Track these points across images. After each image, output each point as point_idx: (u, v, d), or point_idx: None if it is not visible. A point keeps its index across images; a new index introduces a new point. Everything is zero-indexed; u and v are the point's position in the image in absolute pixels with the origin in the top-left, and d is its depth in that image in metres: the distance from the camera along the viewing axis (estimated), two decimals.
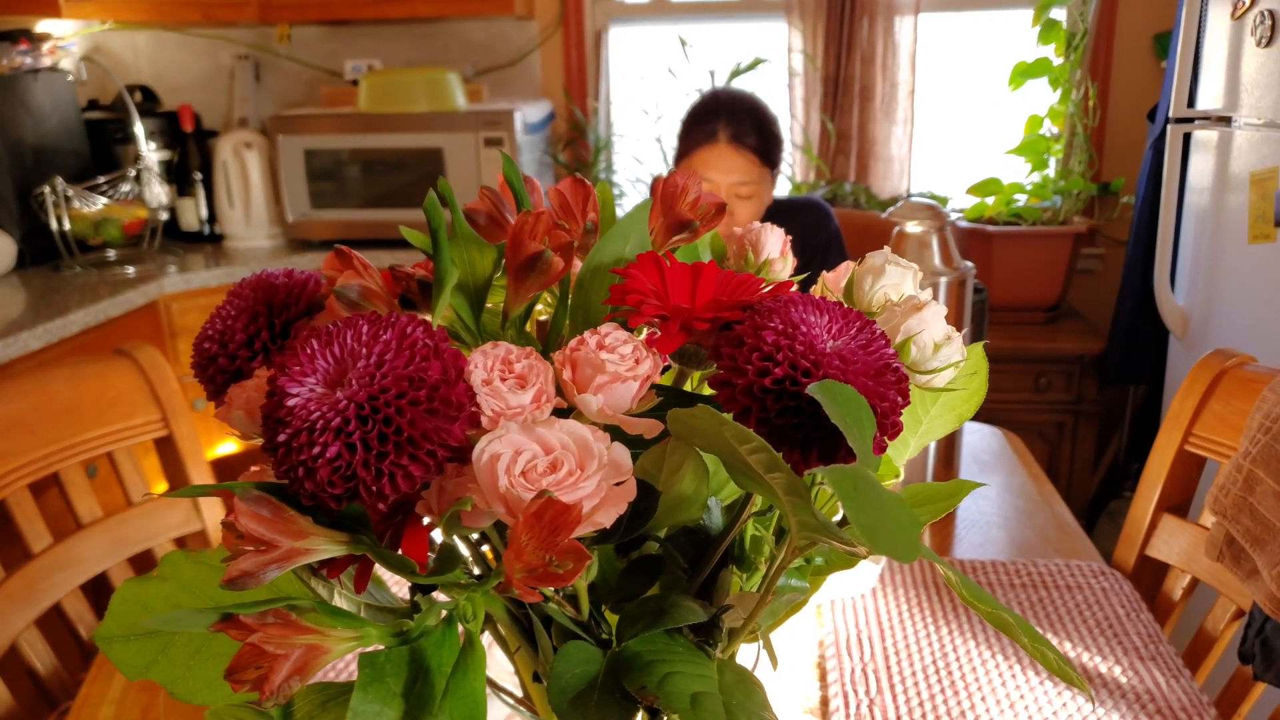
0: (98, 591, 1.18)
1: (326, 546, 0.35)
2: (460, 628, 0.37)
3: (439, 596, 0.44)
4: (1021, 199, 2.46)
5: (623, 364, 0.38)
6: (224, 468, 2.23)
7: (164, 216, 2.44)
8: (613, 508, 0.34)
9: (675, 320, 0.40)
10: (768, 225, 0.56)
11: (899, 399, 0.38)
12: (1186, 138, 1.95)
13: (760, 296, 0.41)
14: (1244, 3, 1.72)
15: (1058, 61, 2.40)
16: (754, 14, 2.69)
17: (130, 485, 1.22)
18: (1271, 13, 1.63)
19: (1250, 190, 1.74)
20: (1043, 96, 2.47)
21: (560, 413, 0.40)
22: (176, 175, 2.57)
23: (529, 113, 2.45)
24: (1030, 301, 2.43)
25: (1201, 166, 1.93)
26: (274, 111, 2.74)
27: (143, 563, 1.22)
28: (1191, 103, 1.91)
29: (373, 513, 0.36)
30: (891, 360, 0.38)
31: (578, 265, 0.49)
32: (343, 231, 2.47)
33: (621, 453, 0.36)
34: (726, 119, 1.61)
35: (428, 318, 0.44)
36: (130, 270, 2.23)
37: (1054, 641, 0.96)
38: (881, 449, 0.37)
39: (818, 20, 2.52)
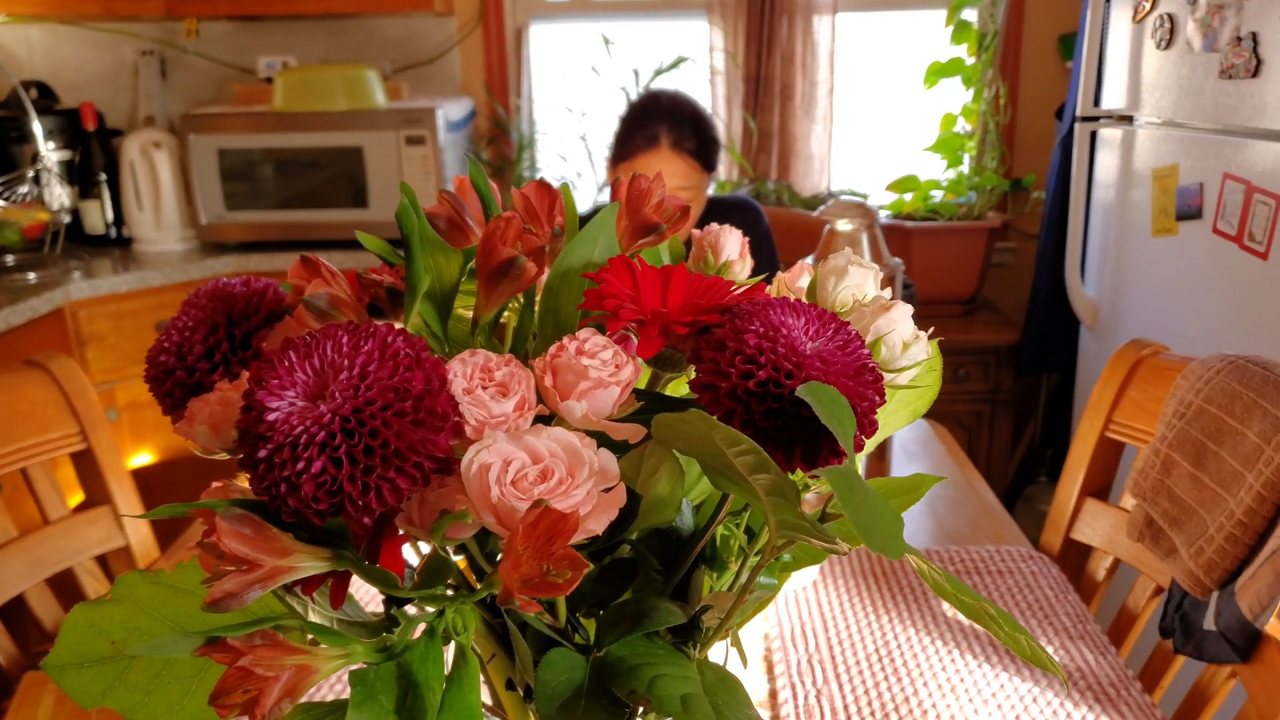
0: (11, 615, 1.12)
1: (310, 563, 0.34)
2: (446, 640, 0.36)
3: (410, 610, 0.43)
4: (938, 195, 2.53)
5: (604, 369, 0.38)
6: (141, 480, 2.14)
7: (66, 219, 2.33)
8: (604, 514, 0.34)
9: (654, 324, 0.40)
10: (726, 227, 0.56)
11: (876, 398, 0.38)
12: (1093, 135, 2.04)
13: (734, 299, 0.42)
14: (1144, 6, 1.81)
15: (970, 61, 2.48)
16: (675, 12, 2.71)
17: (46, 502, 1.16)
18: (1171, 16, 1.71)
19: (1153, 186, 1.82)
20: (956, 95, 2.55)
21: (540, 419, 0.40)
22: (79, 176, 2.46)
23: (450, 110, 2.42)
24: (948, 295, 2.50)
25: (1107, 163, 2.02)
26: (182, 109, 2.64)
27: (61, 583, 1.17)
28: (1097, 102, 2.00)
29: (355, 527, 0.35)
30: (868, 360, 0.39)
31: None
32: (259, 233, 2.39)
33: (609, 459, 0.36)
34: (669, 123, 1.60)
35: (396, 325, 0.43)
36: (31, 276, 2.13)
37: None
38: (860, 447, 0.38)
39: (738, 19, 2.54)
